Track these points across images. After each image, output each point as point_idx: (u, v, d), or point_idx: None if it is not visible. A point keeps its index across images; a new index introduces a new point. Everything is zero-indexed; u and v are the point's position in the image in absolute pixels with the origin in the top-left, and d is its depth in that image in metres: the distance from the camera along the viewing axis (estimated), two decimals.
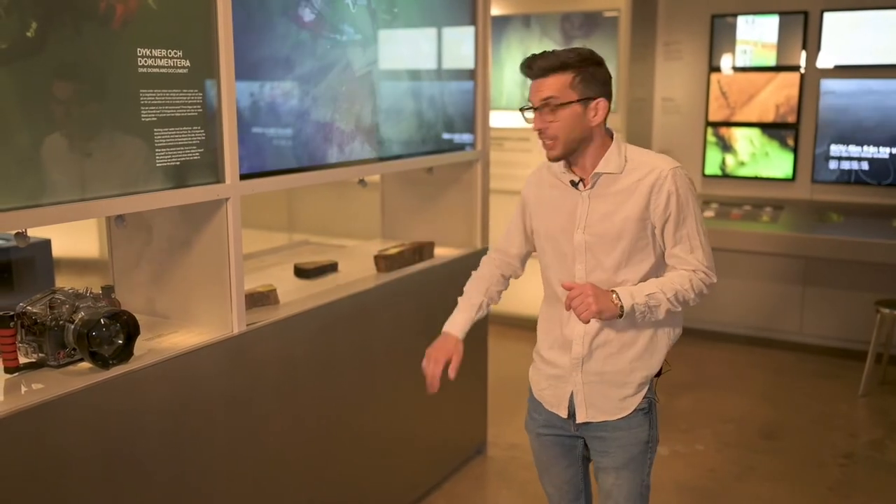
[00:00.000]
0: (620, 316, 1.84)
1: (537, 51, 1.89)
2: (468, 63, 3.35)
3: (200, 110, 2.09)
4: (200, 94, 2.09)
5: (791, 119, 5.03)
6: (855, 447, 3.77)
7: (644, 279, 1.94)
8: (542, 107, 1.85)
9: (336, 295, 2.68)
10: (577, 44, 4.75)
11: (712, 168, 5.32)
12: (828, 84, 4.88)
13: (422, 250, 3.19)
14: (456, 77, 3.31)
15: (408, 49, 2.99)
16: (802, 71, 4.96)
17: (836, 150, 4.91)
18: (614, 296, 1.84)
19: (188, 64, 2.04)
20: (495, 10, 5.16)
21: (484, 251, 3.46)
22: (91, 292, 2.01)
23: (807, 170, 5.04)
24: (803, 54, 4.94)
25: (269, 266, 3.14)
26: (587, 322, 1.87)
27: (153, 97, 1.96)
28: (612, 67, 4.99)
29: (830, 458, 3.65)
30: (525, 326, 5.30)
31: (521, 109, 1.91)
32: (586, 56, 1.86)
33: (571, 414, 2.02)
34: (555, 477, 2.14)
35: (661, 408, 2.13)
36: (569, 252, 1.96)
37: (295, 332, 2.48)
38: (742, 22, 5.09)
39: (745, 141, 5.20)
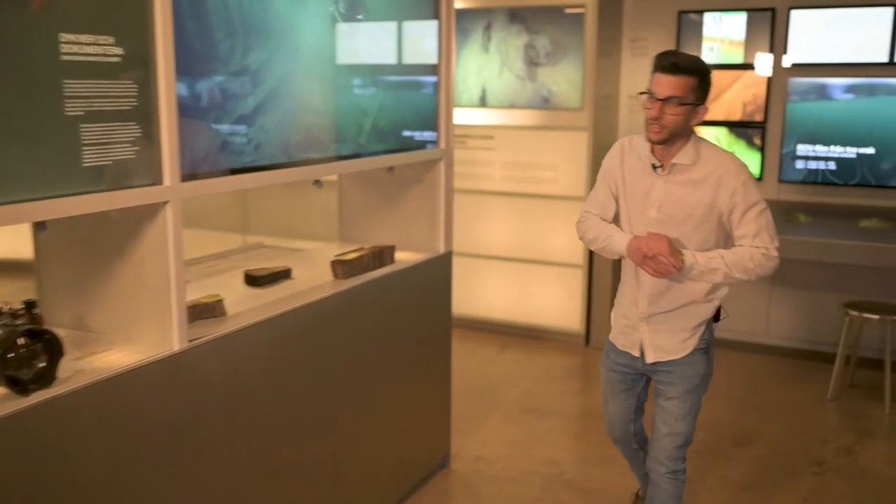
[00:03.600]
0: (680, 270, 2.26)
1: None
2: (431, 58, 3.17)
3: (136, 104, 1.88)
4: (136, 86, 1.88)
5: (758, 118, 4.95)
6: (826, 454, 3.68)
7: None
8: (668, 101, 2.21)
9: (289, 305, 2.48)
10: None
11: None
12: (795, 82, 4.81)
13: (382, 255, 3.00)
14: (418, 73, 3.13)
15: (367, 44, 2.80)
16: (770, 69, 4.88)
17: (802, 149, 4.85)
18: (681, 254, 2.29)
19: (121, 52, 1.83)
20: (458, 4, 4.99)
21: (447, 255, 3.31)
22: (10, 308, 1.79)
23: (774, 169, 4.97)
24: (768, 55, 4.86)
25: (218, 272, 2.92)
26: (661, 276, 2.30)
27: (79, 89, 1.74)
28: (577, 64, 4.96)
29: (804, 465, 3.57)
30: (486, 329, 5.18)
31: (641, 93, 2.28)
32: (706, 67, 2.26)
33: (642, 354, 2.51)
34: (618, 403, 2.68)
35: None
36: (642, 224, 2.39)
37: (243, 347, 2.28)
38: (709, 19, 4.99)
39: (712, 139, 5.10)
